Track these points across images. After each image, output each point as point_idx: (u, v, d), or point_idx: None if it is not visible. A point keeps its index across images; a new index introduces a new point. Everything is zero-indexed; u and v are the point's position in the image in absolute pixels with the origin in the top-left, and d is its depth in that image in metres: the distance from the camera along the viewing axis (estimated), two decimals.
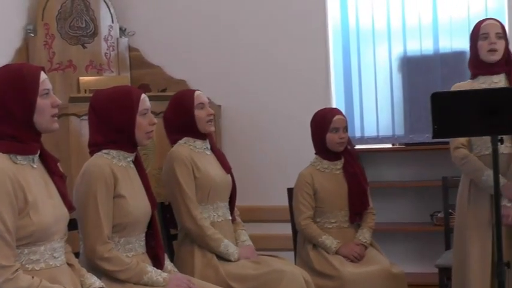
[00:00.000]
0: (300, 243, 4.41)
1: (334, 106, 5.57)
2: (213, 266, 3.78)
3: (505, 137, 3.66)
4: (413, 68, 5.58)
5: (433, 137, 3.40)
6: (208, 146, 4.03)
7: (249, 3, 5.74)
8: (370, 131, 5.67)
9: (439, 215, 5.25)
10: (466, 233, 3.94)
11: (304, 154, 4.59)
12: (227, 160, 4.12)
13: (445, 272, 4.45)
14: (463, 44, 5.19)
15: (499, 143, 3.36)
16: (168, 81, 5.80)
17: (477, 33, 3.94)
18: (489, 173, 3.68)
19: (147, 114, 3.30)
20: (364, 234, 4.33)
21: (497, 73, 3.94)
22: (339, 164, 4.40)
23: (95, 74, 5.62)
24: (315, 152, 4.45)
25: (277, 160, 5.60)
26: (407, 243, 5.61)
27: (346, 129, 4.35)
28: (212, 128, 4.04)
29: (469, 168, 3.93)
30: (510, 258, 3.75)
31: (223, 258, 3.83)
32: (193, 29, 5.82)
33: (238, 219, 4.15)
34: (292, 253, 4.58)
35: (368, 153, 5.65)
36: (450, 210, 4.69)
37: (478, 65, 3.97)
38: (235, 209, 4.15)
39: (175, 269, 3.50)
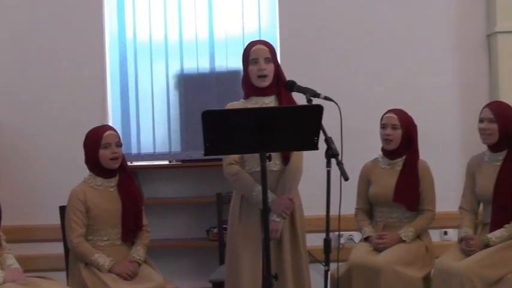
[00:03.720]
0: (72, 262, 4.28)
1: (110, 122, 5.51)
2: None
3: (274, 154, 3.80)
4: (189, 86, 5.63)
5: (205, 154, 3.42)
6: None
7: (24, 12, 5.50)
8: (146, 147, 5.63)
9: (214, 230, 5.33)
10: (238, 247, 4.03)
11: (78, 171, 4.47)
12: None
13: (218, 286, 4.53)
14: (238, 63, 5.30)
15: (267, 160, 3.44)
16: None
17: (247, 57, 4.06)
18: (259, 189, 3.78)
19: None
20: (138, 252, 4.30)
21: (269, 95, 4.07)
22: (114, 181, 4.34)
23: None
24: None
25: (51, 177, 5.41)
26: (183, 259, 5.63)
27: (118, 144, 4.30)
28: None
29: (240, 184, 4.03)
30: (278, 270, 3.89)
31: None
32: None
33: (3, 243, 3.94)
34: (64, 273, 4.45)
35: (145, 170, 5.63)
36: (225, 226, 4.77)
37: (250, 86, 4.09)
38: (1, 233, 3.94)
39: None
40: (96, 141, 4.26)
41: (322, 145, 3.45)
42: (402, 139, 4.54)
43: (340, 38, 5.49)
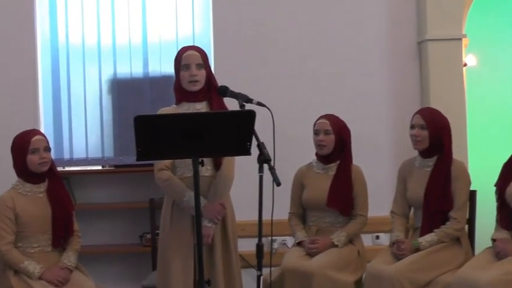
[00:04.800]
0: (1, 269, 4.20)
1: (42, 127, 5.44)
2: None
3: (206, 160, 3.80)
4: (123, 90, 5.60)
5: (137, 160, 3.41)
6: None
7: None
8: (79, 152, 5.57)
9: (148, 236, 5.29)
10: (169, 253, 4.02)
11: (7, 177, 4.37)
12: None
13: None
14: (172, 68, 5.26)
15: (200, 166, 3.44)
16: None
17: (179, 63, 4.05)
18: (191, 194, 3.79)
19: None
20: (70, 258, 4.24)
21: (200, 101, 4.07)
22: (43, 186, 4.27)
23: None
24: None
25: None
26: (116, 265, 5.59)
27: (47, 149, 4.22)
28: None
29: (172, 190, 4.02)
30: (210, 276, 3.90)
31: None
32: None
33: None
34: None
35: (77, 175, 5.58)
36: (158, 231, 4.75)
37: (181, 92, 4.08)
38: None
39: None
40: (24, 146, 4.18)
41: (254, 150, 3.46)
42: (335, 144, 4.58)
43: (273, 44, 5.53)
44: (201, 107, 4.06)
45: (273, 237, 4.44)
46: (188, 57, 4.03)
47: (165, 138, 3.37)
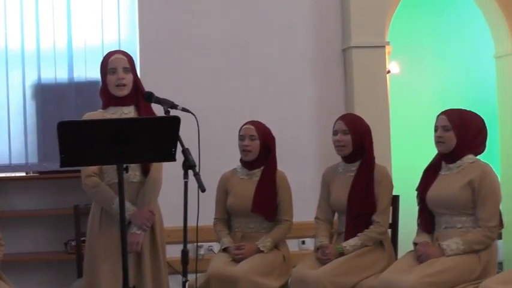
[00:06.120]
0: None
1: None
2: None
3: (134, 165, 3.80)
4: (47, 96, 5.51)
5: (61, 166, 3.38)
6: None
7: None
8: (2, 159, 5.46)
9: (73, 243, 5.22)
10: (97, 259, 3.99)
11: None
12: None
13: None
14: (97, 73, 5.22)
15: (125, 172, 3.43)
16: None
17: (106, 67, 4.03)
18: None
19: None
20: None
21: (128, 105, 4.05)
22: None
23: None
24: None
25: None
26: (40, 273, 5.50)
27: None
28: None
29: (100, 197, 3.99)
30: (138, 283, 3.88)
31: None
32: None
33: None
34: None
35: (0, 182, 5.46)
36: (83, 238, 4.69)
37: (108, 96, 4.05)
38: None
39: None
40: None
41: (179, 156, 3.47)
42: (260, 150, 4.61)
43: (200, 50, 5.53)
44: (129, 111, 4.05)
45: (199, 243, 4.44)
46: (115, 61, 4.01)
47: (89, 144, 3.35)
